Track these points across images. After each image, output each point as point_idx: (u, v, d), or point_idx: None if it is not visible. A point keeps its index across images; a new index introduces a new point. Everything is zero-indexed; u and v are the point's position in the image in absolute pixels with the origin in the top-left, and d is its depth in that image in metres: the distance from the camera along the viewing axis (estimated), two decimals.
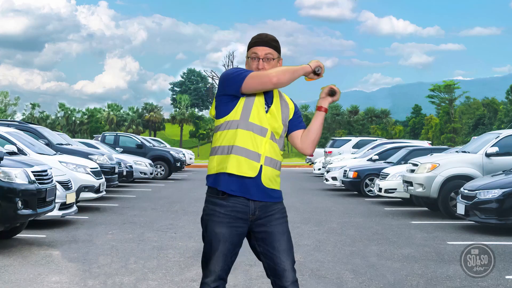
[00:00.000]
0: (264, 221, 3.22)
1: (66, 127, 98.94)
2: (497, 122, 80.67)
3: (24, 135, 11.39)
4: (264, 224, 3.23)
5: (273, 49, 3.39)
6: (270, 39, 3.42)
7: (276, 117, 3.28)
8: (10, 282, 5.41)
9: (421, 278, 5.72)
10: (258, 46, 3.37)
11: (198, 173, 28.10)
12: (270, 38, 3.44)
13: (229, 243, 3.20)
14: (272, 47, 3.39)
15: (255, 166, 3.17)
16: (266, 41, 3.41)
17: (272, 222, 3.24)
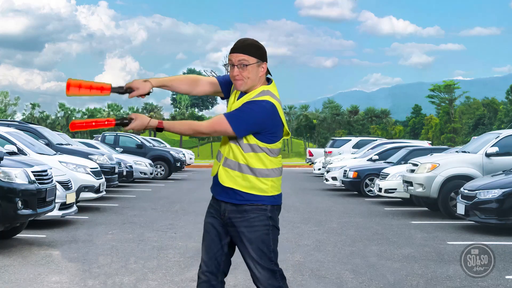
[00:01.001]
0: (236, 225, 3.34)
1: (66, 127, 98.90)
2: (497, 122, 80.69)
3: (24, 135, 11.39)
4: (234, 229, 3.35)
5: (248, 54, 3.30)
6: (245, 45, 3.34)
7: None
8: (10, 282, 5.41)
9: (421, 278, 5.73)
10: (233, 53, 3.32)
11: (198, 173, 28.10)
12: (247, 43, 3.36)
13: (212, 234, 3.38)
14: (247, 53, 3.30)
15: (217, 166, 3.37)
16: (240, 47, 3.33)
17: (242, 228, 3.32)
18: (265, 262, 3.36)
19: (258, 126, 3.26)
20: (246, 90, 3.37)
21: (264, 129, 3.27)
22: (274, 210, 3.45)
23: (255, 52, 3.33)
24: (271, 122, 3.29)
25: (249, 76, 3.32)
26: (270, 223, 3.43)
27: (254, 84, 3.36)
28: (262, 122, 3.26)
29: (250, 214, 3.32)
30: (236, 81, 3.33)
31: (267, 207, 3.37)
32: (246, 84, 3.33)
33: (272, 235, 3.52)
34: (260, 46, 3.38)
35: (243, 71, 3.30)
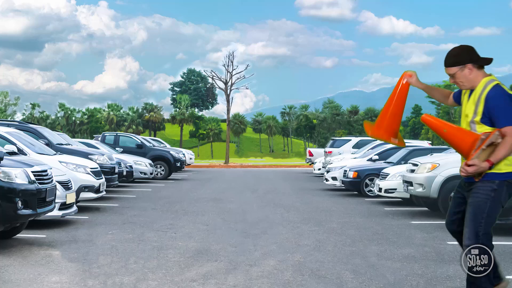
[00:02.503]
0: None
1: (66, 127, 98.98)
2: None
3: (24, 135, 11.39)
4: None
5: (448, 66, 4.21)
6: (446, 58, 4.24)
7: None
8: (10, 282, 5.41)
9: (421, 278, 5.73)
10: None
11: (198, 173, 28.11)
12: (446, 57, 4.25)
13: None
14: (448, 65, 4.21)
15: None
16: (445, 61, 4.24)
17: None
18: (472, 224, 4.16)
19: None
20: (470, 88, 4.19)
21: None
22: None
23: (453, 61, 4.17)
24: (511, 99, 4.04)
25: (462, 80, 4.17)
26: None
27: (472, 82, 4.15)
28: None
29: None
30: (457, 85, 4.25)
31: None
32: (464, 85, 4.20)
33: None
34: (455, 54, 4.17)
35: (454, 79, 4.20)
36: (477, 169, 3.95)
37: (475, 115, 4.11)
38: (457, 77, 4.17)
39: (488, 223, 4.11)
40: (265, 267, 6.16)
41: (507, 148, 3.92)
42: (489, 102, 4.03)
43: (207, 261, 6.43)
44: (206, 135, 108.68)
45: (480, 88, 4.10)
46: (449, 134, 4.13)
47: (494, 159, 3.94)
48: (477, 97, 4.11)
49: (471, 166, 3.96)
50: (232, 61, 49.87)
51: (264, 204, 13.06)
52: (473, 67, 4.13)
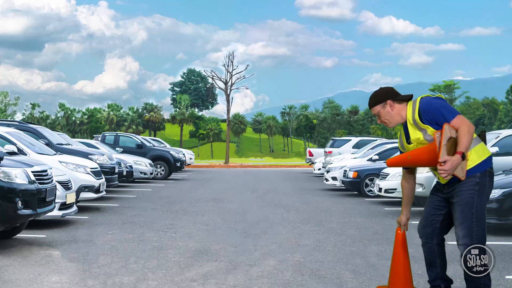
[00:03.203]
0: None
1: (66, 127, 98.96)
2: (497, 122, 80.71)
3: (24, 135, 11.39)
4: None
5: (372, 107, 4.48)
6: (369, 101, 4.49)
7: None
8: (10, 282, 5.41)
9: (421, 278, 5.73)
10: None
11: (198, 173, 28.10)
12: (369, 99, 4.49)
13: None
14: (371, 106, 4.49)
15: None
16: (369, 104, 4.51)
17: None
18: (464, 225, 4.30)
19: (446, 104, 4.26)
20: (397, 123, 4.43)
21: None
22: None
23: (374, 102, 4.43)
24: (441, 98, 4.32)
25: (387, 118, 4.40)
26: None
27: (396, 116, 4.38)
28: (443, 100, 4.27)
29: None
30: (385, 125, 4.47)
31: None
32: (390, 122, 4.43)
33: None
34: (375, 95, 4.45)
35: (380, 118, 4.45)
36: (452, 163, 3.99)
37: (424, 131, 4.23)
38: (381, 116, 4.41)
39: (480, 217, 4.19)
40: (265, 267, 6.16)
41: (466, 135, 4.02)
42: (426, 111, 4.19)
43: (207, 261, 6.43)
44: (206, 135, 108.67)
45: (410, 112, 4.30)
46: (415, 156, 4.27)
47: (461, 148, 4.01)
48: (412, 119, 4.27)
49: (445, 163, 4.01)
50: (232, 61, 49.88)
51: (264, 204, 13.06)
52: (393, 102, 4.37)
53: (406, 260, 4.64)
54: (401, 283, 4.58)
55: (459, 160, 4.00)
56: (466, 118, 4.14)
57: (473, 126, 4.10)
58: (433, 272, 4.63)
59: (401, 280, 4.58)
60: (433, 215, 4.47)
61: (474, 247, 4.14)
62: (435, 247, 4.52)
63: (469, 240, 4.16)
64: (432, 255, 4.56)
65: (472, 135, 4.07)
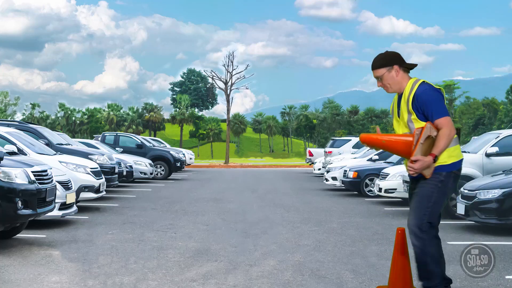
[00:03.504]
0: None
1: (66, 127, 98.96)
2: (497, 122, 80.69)
3: (24, 135, 11.39)
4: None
5: (376, 68, 4.37)
6: (373, 62, 4.40)
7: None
8: (10, 282, 5.41)
9: None
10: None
11: (198, 173, 28.11)
12: (374, 60, 4.41)
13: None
14: (375, 67, 4.37)
15: None
16: (372, 65, 4.39)
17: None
18: (415, 212, 4.30)
19: (443, 101, 4.24)
20: (397, 91, 4.38)
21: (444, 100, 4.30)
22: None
23: (380, 64, 4.35)
24: (440, 93, 4.25)
25: (389, 82, 4.34)
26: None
27: (399, 84, 4.33)
28: (442, 97, 4.23)
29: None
30: (384, 88, 4.40)
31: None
32: (391, 87, 4.37)
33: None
34: (383, 56, 4.35)
35: (382, 81, 4.36)
36: (423, 164, 4.06)
37: (410, 114, 4.26)
38: (384, 79, 4.35)
39: (434, 211, 4.23)
40: (265, 267, 6.16)
41: (445, 138, 4.07)
42: (420, 99, 4.19)
43: (207, 261, 6.43)
44: (206, 135, 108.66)
45: (408, 88, 4.29)
46: (390, 143, 4.30)
47: (436, 151, 4.07)
48: (407, 97, 4.27)
49: (416, 162, 4.06)
50: (232, 61, 49.89)
51: (264, 204, 13.06)
52: (399, 69, 4.34)
53: (406, 260, 4.64)
54: (401, 283, 4.58)
55: (430, 162, 4.06)
56: (452, 121, 4.16)
57: (454, 130, 4.14)
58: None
59: (401, 280, 4.58)
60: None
61: (474, 247, 4.14)
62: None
63: (418, 230, 4.21)
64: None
65: (451, 139, 4.11)
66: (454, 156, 4.24)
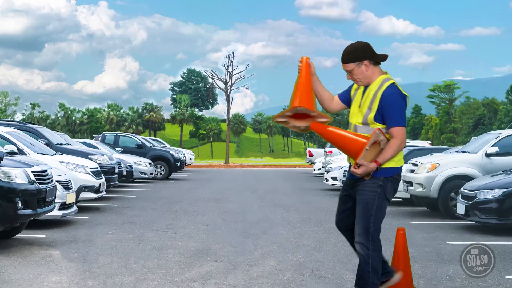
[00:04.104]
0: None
1: (66, 127, 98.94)
2: (497, 122, 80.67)
3: (24, 135, 11.39)
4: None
5: (346, 63, 4.22)
6: (343, 55, 4.24)
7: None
8: (10, 282, 5.41)
9: (421, 278, 5.72)
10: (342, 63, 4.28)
11: (198, 173, 28.11)
12: (344, 53, 4.24)
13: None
14: (345, 62, 4.22)
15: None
16: (342, 58, 4.24)
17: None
18: (361, 222, 4.26)
19: (405, 108, 4.18)
20: (366, 84, 4.25)
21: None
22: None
23: (350, 58, 4.20)
24: (405, 100, 4.18)
25: (359, 76, 4.21)
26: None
27: (369, 78, 4.21)
28: (405, 104, 4.16)
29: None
30: (354, 81, 4.29)
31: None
32: (361, 81, 4.24)
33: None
34: (353, 51, 4.20)
35: (351, 75, 4.24)
36: (366, 170, 4.05)
37: (369, 111, 4.19)
38: (354, 74, 4.23)
39: (377, 218, 4.23)
40: (265, 267, 6.16)
41: (393, 149, 4.05)
42: (384, 100, 4.12)
43: (207, 261, 6.43)
44: (206, 135, 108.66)
45: (376, 85, 4.20)
46: (341, 138, 4.19)
47: (381, 160, 4.06)
48: (373, 94, 4.19)
49: (360, 168, 4.05)
50: (232, 61, 49.89)
51: (264, 204, 13.06)
52: (369, 63, 4.20)
53: (406, 260, 4.64)
54: (401, 283, 4.58)
55: (373, 169, 4.05)
56: (405, 133, 4.12)
57: (405, 144, 4.12)
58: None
59: (401, 280, 4.58)
60: (343, 209, 4.49)
61: (474, 247, 4.14)
62: (351, 238, 4.51)
63: (365, 240, 4.21)
64: (352, 244, 4.57)
65: (399, 151, 4.10)
66: (395, 161, 4.21)
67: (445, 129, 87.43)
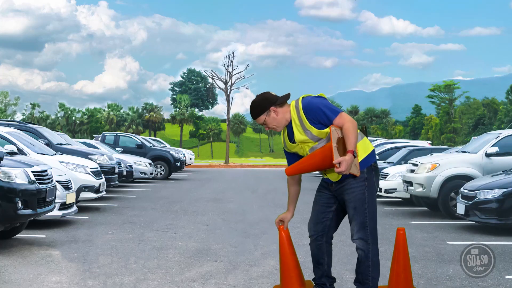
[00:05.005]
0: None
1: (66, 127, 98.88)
2: (497, 122, 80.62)
3: (24, 135, 11.40)
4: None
5: (256, 117, 4.36)
6: (251, 113, 4.37)
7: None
8: (10, 282, 5.41)
9: (421, 278, 5.72)
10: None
11: (198, 173, 28.10)
12: (251, 111, 4.37)
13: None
14: (255, 116, 4.36)
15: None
16: (252, 115, 4.37)
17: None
18: (356, 219, 4.43)
19: (326, 102, 4.27)
20: (285, 124, 4.36)
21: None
22: None
23: (258, 112, 4.34)
24: (320, 97, 4.32)
25: (274, 124, 4.35)
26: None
27: (283, 120, 4.33)
28: (323, 99, 4.29)
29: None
30: (273, 129, 4.40)
31: None
32: (278, 127, 4.38)
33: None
34: (256, 105, 4.33)
35: (267, 126, 4.39)
36: (347, 163, 4.03)
37: (309, 132, 4.24)
38: (268, 123, 4.36)
39: (372, 211, 4.37)
40: (265, 267, 6.16)
41: (351, 131, 4.08)
42: (308, 111, 4.20)
43: (207, 261, 6.43)
44: (206, 135, 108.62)
45: (294, 113, 4.28)
46: (311, 161, 4.26)
47: (351, 147, 4.07)
48: (298, 119, 4.26)
49: (341, 164, 4.04)
50: (232, 61, 49.84)
51: (264, 204, 13.06)
52: (276, 107, 4.32)
53: (407, 260, 4.64)
54: (401, 283, 4.58)
55: (352, 158, 4.06)
56: (347, 115, 4.19)
57: (355, 121, 4.15)
58: (320, 270, 4.65)
59: (401, 280, 4.57)
60: (323, 212, 4.49)
61: (474, 247, 4.14)
62: (323, 244, 4.54)
63: (363, 234, 4.31)
64: (320, 253, 4.58)
65: (356, 131, 4.13)
66: (367, 149, 4.32)
67: (445, 129, 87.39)
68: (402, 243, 4.64)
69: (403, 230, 4.72)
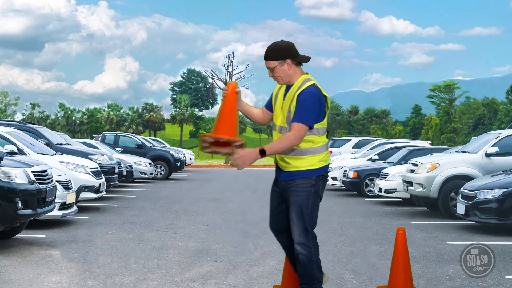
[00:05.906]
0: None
1: (66, 127, 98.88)
2: (497, 122, 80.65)
3: (24, 135, 11.39)
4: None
5: (269, 60, 4.18)
6: (267, 52, 4.21)
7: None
8: (10, 282, 5.41)
9: (421, 278, 5.73)
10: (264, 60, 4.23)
11: (198, 173, 28.11)
12: (268, 50, 4.21)
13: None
14: (268, 59, 4.19)
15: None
16: (265, 54, 4.21)
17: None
18: (297, 224, 4.26)
19: (318, 109, 4.11)
20: (287, 83, 4.25)
21: (320, 109, 4.14)
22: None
23: (274, 55, 4.17)
24: (320, 101, 4.13)
25: (281, 75, 4.20)
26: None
27: (290, 77, 4.21)
28: (320, 105, 4.12)
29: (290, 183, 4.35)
30: (275, 79, 4.28)
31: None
32: (282, 80, 4.24)
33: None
34: (277, 49, 4.17)
35: (273, 73, 4.22)
36: (244, 159, 4.12)
37: (289, 113, 4.19)
38: (276, 72, 4.21)
39: (313, 216, 4.29)
40: (265, 267, 6.16)
41: (286, 142, 4.08)
42: (298, 97, 4.12)
43: (207, 261, 6.43)
44: None
45: (296, 85, 4.20)
46: (224, 113, 4.22)
47: (269, 148, 4.09)
48: (293, 93, 4.18)
49: (238, 158, 4.14)
50: (232, 61, 49.85)
51: (264, 204, 13.04)
52: (292, 63, 4.19)
53: (406, 260, 4.64)
54: (401, 283, 4.58)
55: (257, 153, 4.08)
56: (303, 134, 4.10)
57: (299, 141, 4.10)
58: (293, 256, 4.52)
59: (401, 280, 4.58)
60: (276, 210, 4.47)
61: (474, 247, 4.15)
62: (285, 240, 4.49)
63: (305, 239, 4.22)
64: (284, 246, 4.56)
65: (290, 146, 4.10)
66: (323, 161, 4.29)
67: (445, 129, 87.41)
68: (402, 243, 4.64)
69: (403, 230, 4.72)
